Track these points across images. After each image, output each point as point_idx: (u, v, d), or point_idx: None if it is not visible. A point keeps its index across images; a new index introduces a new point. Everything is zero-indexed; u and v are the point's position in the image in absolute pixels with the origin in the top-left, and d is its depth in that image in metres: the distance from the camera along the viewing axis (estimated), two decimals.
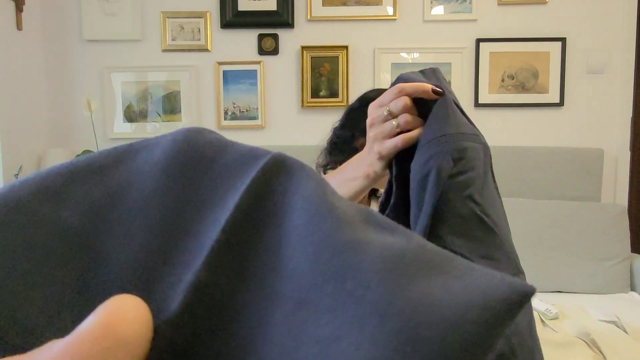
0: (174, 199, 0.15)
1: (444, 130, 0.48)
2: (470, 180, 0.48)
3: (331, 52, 2.32)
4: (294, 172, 0.16)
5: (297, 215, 0.15)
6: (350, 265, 0.14)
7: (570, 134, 2.34)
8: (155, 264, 0.14)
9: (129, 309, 0.12)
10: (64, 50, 2.36)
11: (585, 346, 1.37)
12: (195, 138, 0.16)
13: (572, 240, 1.98)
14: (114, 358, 0.11)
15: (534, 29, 2.31)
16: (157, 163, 0.16)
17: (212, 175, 0.16)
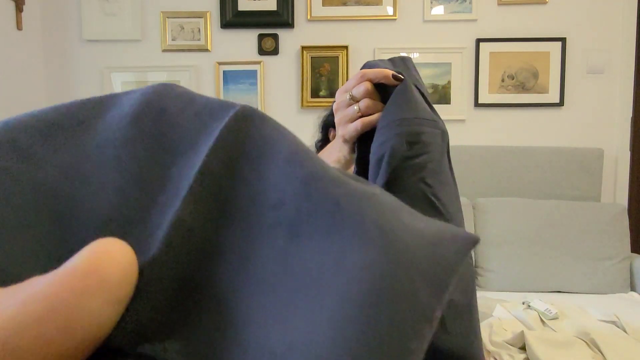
0: (146, 148, 0.15)
1: (401, 114, 0.50)
2: (424, 164, 0.48)
3: (331, 52, 2.32)
4: (267, 119, 0.16)
5: (277, 152, 0.15)
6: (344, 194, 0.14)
7: (570, 134, 2.34)
8: (133, 209, 0.14)
9: (114, 250, 0.12)
10: (64, 50, 2.36)
11: (585, 346, 1.37)
12: (164, 91, 0.17)
13: (572, 240, 1.98)
14: (96, 297, 0.11)
15: (534, 29, 2.31)
16: (126, 115, 0.16)
17: (183, 123, 0.16)
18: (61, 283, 0.11)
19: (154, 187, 0.14)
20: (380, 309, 0.12)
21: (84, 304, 0.11)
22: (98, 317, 0.11)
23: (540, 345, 1.34)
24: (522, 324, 1.53)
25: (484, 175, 2.18)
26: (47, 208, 0.14)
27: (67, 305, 0.11)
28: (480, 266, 2.02)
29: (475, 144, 2.31)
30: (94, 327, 0.11)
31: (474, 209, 2.08)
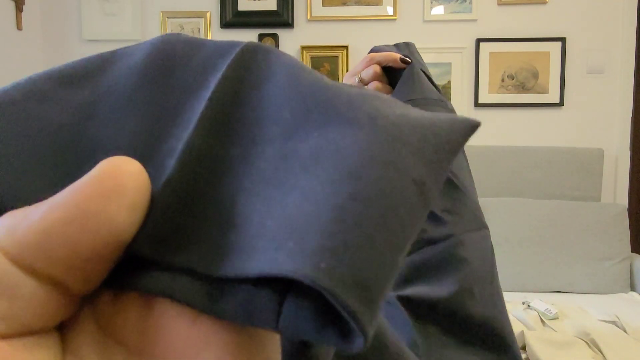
0: (159, 89, 0.16)
1: (410, 95, 0.51)
2: None
3: (331, 52, 2.32)
4: (271, 50, 0.17)
5: (278, 74, 0.16)
6: (336, 95, 0.15)
7: (570, 134, 2.34)
8: (148, 141, 0.15)
9: (125, 162, 0.12)
10: (64, 50, 2.36)
11: (585, 346, 1.37)
12: (173, 38, 0.18)
13: (572, 240, 1.98)
14: (113, 201, 0.12)
15: (534, 29, 2.31)
16: (138, 62, 0.17)
17: (194, 65, 0.17)
18: (80, 190, 0.12)
19: (167, 122, 0.15)
20: (368, 174, 0.13)
21: (103, 207, 0.12)
22: (117, 220, 0.12)
23: (540, 345, 1.34)
24: (522, 324, 1.53)
25: (484, 175, 2.18)
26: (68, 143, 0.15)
27: (88, 209, 0.11)
28: None
29: (475, 144, 2.31)
30: (115, 229, 0.12)
31: None
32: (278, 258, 0.11)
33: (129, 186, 0.12)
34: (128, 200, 0.12)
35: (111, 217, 0.12)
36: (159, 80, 0.16)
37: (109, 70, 0.17)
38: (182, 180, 0.14)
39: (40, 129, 0.15)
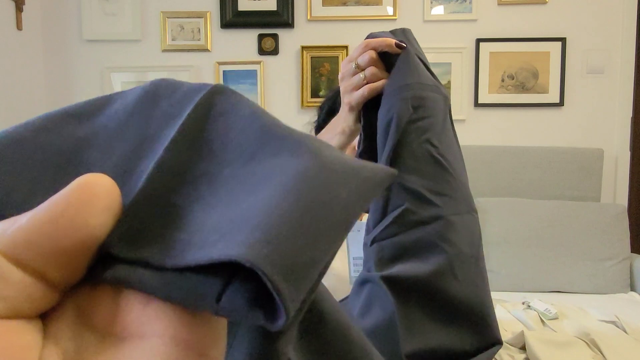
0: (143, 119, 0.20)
1: (405, 80, 0.53)
2: (429, 126, 0.52)
3: (331, 52, 2.32)
4: (236, 93, 0.21)
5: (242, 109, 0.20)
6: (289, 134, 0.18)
7: (570, 134, 2.34)
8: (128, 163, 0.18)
9: (99, 176, 0.15)
10: (64, 50, 2.36)
11: (585, 346, 1.37)
12: (160, 82, 0.21)
13: (572, 240, 1.98)
14: (89, 206, 0.14)
15: (534, 29, 2.31)
16: (129, 101, 0.20)
17: (176, 97, 0.20)
18: (61, 198, 0.14)
19: (147, 146, 0.19)
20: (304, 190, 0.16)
21: (79, 212, 0.14)
22: (91, 222, 0.14)
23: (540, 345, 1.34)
24: (522, 324, 1.53)
25: (484, 175, 2.18)
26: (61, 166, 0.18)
27: (67, 213, 0.14)
28: None
29: (475, 144, 2.31)
30: (89, 230, 0.14)
31: None
32: (227, 248, 0.14)
33: (101, 195, 0.15)
34: (100, 206, 0.15)
35: (85, 220, 0.14)
36: (145, 112, 0.20)
37: (106, 109, 0.20)
38: (148, 193, 0.17)
39: (43, 153, 0.18)
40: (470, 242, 0.52)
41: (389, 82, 0.55)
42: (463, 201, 0.53)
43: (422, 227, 0.50)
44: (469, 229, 0.53)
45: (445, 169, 0.52)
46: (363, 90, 0.57)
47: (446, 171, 0.52)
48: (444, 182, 0.52)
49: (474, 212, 0.54)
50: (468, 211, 0.53)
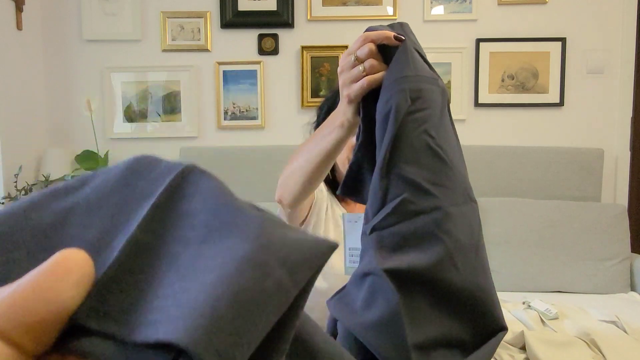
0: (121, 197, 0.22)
1: (404, 72, 0.54)
2: (427, 117, 0.53)
3: (331, 52, 2.32)
4: (205, 172, 0.23)
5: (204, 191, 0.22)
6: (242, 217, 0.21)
7: (570, 134, 2.34)
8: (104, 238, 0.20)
9: (74, 252, 0.17)
10: (64, 50, 2.36)
11: (585, 346, 1.37)
12: (142, 159, 0.23)
13: (572, 240, 1.98)
14: (63, 280, 0.16)
15: (534, 29, 2.31)
16: (111, 177, 0.23)
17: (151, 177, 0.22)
18: (40, 272, 0.16)
19: (122, 223, 0.21)
20: (243, 274, 0.18)
21: (54, 285, 0.16)
22: (64, 294, 0.16)
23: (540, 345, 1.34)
24: (522, 324, 1.53)
25: (484, 175, 2.18)
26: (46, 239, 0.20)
27: (43, 285, 0.16)
28: None
29: (475, 144, 2.31)
30: (62, 301, 0.16)
31: None
32: (172, 330, 0.16)
33: (74, 270, 0.16)
34: (73, 280, 0.16)
35: (59, 293, 0.16)
36: (124, 189, 0.22)
37: (90, 184, 0.23)
38: (116, 269, 0.18)
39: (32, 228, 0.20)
40: (470, 233, 0.53)
41: (387, 74, 0.55)
42: (461, 192, 0.53)
43: (421, 217, 0.50)
44: (467, 219, 0.53)
45: (443, 159, 0.52)
46: (362, 82, 0.57)
47: (443, 162, 0.52)
48: (441, 172, 0.52)
49: (473, 202, 0.55)
50: (466, 201, 0.53)
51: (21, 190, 2.10)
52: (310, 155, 0.72)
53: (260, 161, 2.23)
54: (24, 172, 2.13)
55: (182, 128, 2.37)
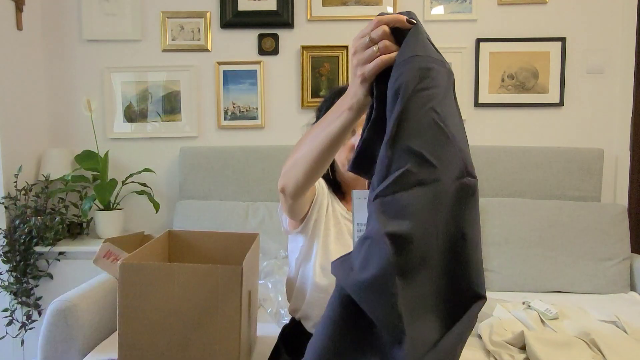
0: None
1: (414, 52, 0.57)
2: (433, 95, 0.56)
3: (331, 52, 2.32)
4: None
5: None
6: None
7: (570, 134, 2.34)
8: None
9: None
10: (64, 50, 2.36)
11: (585, 346, 1.37)
12: None
13: (572, 240, 1.98)
14: None
15: (534, 29, 2.31)
16: None
17: None
18: None
19: None
20: None
21: None
22: None
23: (540, 345, 1.34)
24: (522, 324, 1.53)
25: (484, 175, 2.18)
26: None
27: None
28: None
29: (475, 144, 2.30)
30: None
31: None
32: None
33: None
34: None
35: None
36: None
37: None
38: None
39: None
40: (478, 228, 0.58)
41: (399, 53, 0.59)
42: (461, 167, 0.57)
43: (421, 187, 0.54)
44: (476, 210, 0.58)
45: (446, 135, 0.56)
46: (377, 62, 0.60)
47: (446, 137, 0.56)
48: (444, 147, 0.56)
49: (473, 178, 0.58)
50: (464, 176, 0.57)
51: (21, 190, 2.10)
52: (315, 141, 0.73)
53: (260, 161, 2.23)
54: (24, 172, 2.13)
55: (182, 128, 2.37)
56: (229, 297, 1.06)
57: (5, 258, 2.00)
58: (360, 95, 0.64)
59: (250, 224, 2.09)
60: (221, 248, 1.42)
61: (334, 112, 0.70)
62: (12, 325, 2.01)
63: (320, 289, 1.11)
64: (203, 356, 1.07)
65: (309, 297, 1.14)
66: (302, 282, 1.15)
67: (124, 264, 1.08)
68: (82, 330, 1.41)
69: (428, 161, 0.54)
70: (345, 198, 1.21)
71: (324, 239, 1.12)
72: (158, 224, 2.38)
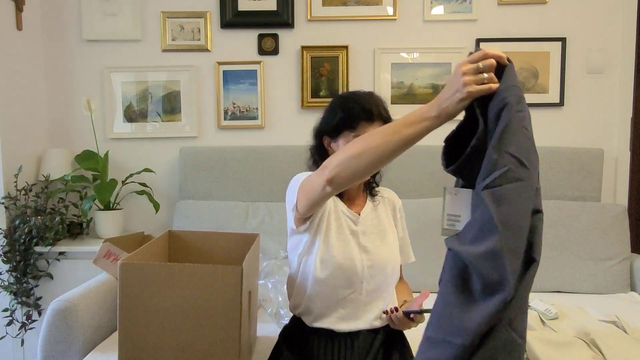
0: None
1: (514, 83, 0.76)
2: (524, 117, 0.75)
3: (331, 52, 2.32)
4: None
5: None
6: None
7: (570, 134, 2.34)
8: None
9: None
10: (64, 50, 2.36)
11: (585, 346, 1.37)
12: None
13: (572, 240, 1.98)
14: None
15: (534, 29, 2.31)
16: None
17: None
18: None
19: None
20: None
21: None
22: None
23: (540, 345, 1.34)
24: None
25: None
26: None
27: None
28: None
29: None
30: None
31: None
32: None
33: None
34: None
35: None
36: None
37: None
38: None
39: None
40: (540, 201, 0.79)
41: (502, 81, 0.76)
42: (538, 170, 0.78)
43: (519, 182, 0.73)
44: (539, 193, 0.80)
45: (533, 147, 0.76)
46: (489, 86, 0.75)
47: (534, 149, 0.76)
48: (532, 155, 0.75)
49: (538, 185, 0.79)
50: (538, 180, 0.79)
51: (21, 190, 2.10)
52: (390, 139, 0.84)
53: (260, 161, 2.23)
54: (24, 172, 2.13)
55: (182, 128, 2.37)
56: (229, 297, 1.06)
57: (5, 258, 2.00)
58: (457, 107, 0.77)
59: (250, 224, 2.09)
60: (221, 248, 1.42)
61: (414, 116, 0.81)
62: (12, 325, 2.01)
63: (320, 282, 1.16)
64: (203, 356, 1.07)
65: (309, 291, 1.17)
66: (304, 278, 1.19)
67: (124, 264, 1.08)
68: (82, 330, 1.41)
69: (524, 164, 0.73)
70: (344, 196, 1.24)
71: (326, 234, 1.17)
72: (158, 224, 2.38)
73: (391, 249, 1.23)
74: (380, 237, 1.22)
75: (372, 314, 1.19)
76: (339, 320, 1.17)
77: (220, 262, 1.37)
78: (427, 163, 2.15)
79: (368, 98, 1.16)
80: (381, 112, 1.15)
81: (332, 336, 1.17)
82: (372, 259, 1.18)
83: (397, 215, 1.30)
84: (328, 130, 1.20)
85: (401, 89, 2.34)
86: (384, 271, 1.19)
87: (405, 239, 1.32)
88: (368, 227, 1.22)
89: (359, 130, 1.13)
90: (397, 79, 2.33)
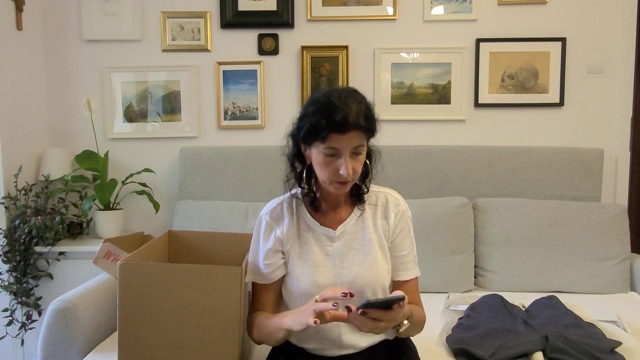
0: None
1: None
2: None
3: (331, 52, 2.32)
4: None
5: None
6: None
7: (570, 134, 2.34)
8: None
9: None
10: (64, 50, 2.36)
11: None
12: None
13: (572, 240, 1.98)
14: None
15: (534, 29, 2.31)
16: None
17: None
18: None
19: None
20: None
21: None
22: None
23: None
24: None
25: (484, 175, 2.18)
26: None
27: None
28: (480, 266, 2.02)
29: (475, 144, 2.31)
30: None
31: (474, 209, 2.07)
32: None
33: None
34: None
35: None
36: None
37: None
38: None
39: None
40: None
41: None
42: None
43: None
44: None
45: None
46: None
47: None
48: None
49: None
50: None
51: (21, 190, 2.10)
52: (270, 339, 1.09)
53: (260, 161, 2.23)
54: (24, 172, 2.13)
55: (182, 128, 2.37)
56: (229, 297, 1.06)
57: (5, 258, 2.00)
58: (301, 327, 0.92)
59: (250, 224, 2.09)
60: (221, 248, 1.42)
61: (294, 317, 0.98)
62: (12, 325, 2.01)
63: (303, 294, 1.08)
64: (203, 356, 1.07)
65: (294, 306, 1.11)
66: (287, 299, 1.14)
67: (124, 264, 1.08)
68: (82, 330, 1.41)
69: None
70: (322, 207, 1.13)
71: (292, 265, 1.11)
72: (158, 224, 2.38)
73: (375, 266, 1.08)
74: (362, 253, 1.09)
75: (361, 341, 1.11)
76: (325, 348, 1.11)
77: (220, 262, 1.36)
78: (427, 163, 2.15)
79: (342, 105, 0.95)
80: (358, 122, 0.95)
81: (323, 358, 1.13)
82: (349, 281, 1.07)
83: (392, 223, 1.12)
84: (300, 136, 1.04)
85: (401, 89, 2.34)
86: (364, 295, 1.07)
87: (411, 254, 1.14)
88: (347, 242, 1.10)
89: (330, 142, 0.96)
90: (397, 79, 2.33)
